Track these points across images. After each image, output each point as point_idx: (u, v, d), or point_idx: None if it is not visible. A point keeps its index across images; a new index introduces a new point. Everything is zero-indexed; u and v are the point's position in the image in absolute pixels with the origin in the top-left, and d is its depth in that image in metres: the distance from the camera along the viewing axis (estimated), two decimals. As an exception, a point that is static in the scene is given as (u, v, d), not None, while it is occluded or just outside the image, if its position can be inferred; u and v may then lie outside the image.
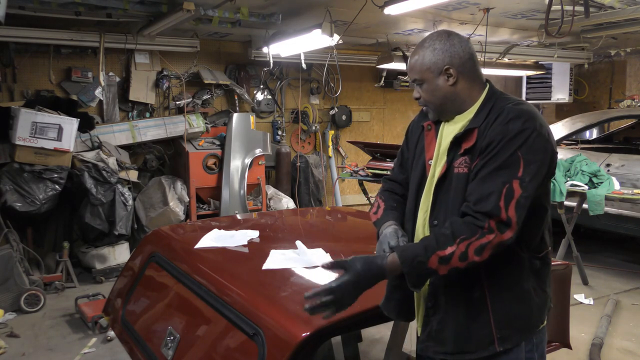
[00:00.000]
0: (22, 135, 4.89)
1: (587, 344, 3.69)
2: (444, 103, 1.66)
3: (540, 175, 1.51)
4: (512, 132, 1.49)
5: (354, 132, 7.93)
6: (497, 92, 1.67)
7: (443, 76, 1.63)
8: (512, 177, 1.47)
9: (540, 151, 1.51)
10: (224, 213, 5.97)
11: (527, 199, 1.48)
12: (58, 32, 5.45)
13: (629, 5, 4.82)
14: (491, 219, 1.45)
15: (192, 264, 2.38)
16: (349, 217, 3.62)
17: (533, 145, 1.49)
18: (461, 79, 1.63)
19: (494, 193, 1.47)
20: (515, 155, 1.48)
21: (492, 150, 1.51)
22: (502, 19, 5.59)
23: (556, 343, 2.46)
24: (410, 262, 1.49)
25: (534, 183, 1.49)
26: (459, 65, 1.63)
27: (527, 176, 1.48)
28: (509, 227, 1.46)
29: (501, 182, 1.47)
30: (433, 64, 1.63)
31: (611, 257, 5.96)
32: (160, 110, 6.51)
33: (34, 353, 3.78)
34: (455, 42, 1.64)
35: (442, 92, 1.64)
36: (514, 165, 1.48)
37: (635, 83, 8.37)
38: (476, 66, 1.67)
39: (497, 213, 1.45)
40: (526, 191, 1.47)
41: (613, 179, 4.79)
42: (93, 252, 5.33)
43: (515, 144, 1.49)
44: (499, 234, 1.45)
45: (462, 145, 1.59)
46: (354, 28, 5.48)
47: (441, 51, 1.63)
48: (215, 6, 4.74)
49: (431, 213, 1.66)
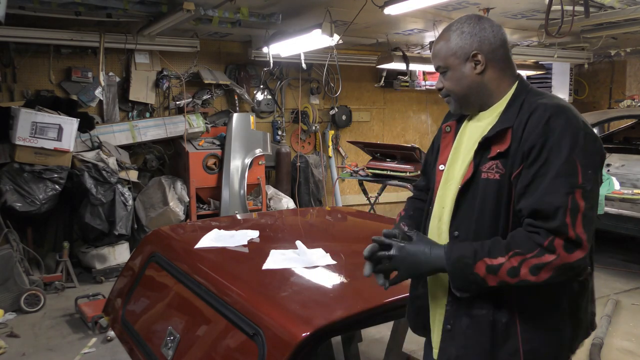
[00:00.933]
0: (22, 135, 4.89)
1: (587, 344, 3.68)
2: (468, 94, 1.49)
3: (598, 182, 1.33)
4: (557, 132, 1.31)
5: (354, 132, 7.93)
6: (528, 86, 1.49)
7: (470, 63, 1.46)
8: (573, 186, 1.28)
9: (594, 153, 1.33)
10: (224, 213, 5.97)
11: (592, 210, 1.30)
12: (58, 32, 5.45)
13: (629, 5, 4.81)
14: (557, 237, 1.27)
15: (192, 264, 2.38)
16: (349, 217, 3.62)
17: (586, 147, 1.31)
18: (490, 68, 1.46)
19: (560, 208, 1.27)
20: (571, 160, 1.29)
21: (538, 155, 1.32)
22: (502, 19, 5.59)
23: (556, 343, 2.45)
24: (456, 262, 1.36)
25: (595, 191, 1.31)
26: (489, 51, 1.46)
27: (587, 184, 1.29)
28: (579, 247, 1.27)
29: (564, 193, 1.28)
30: (460, 48, 1.46)
31: (611, 257, 5.96)
32: (160, 110, 6.51)
33: (34, 353, 3.78)
34: (486, 27, 1.47)
35: (468, 81, 1.47)
36: (571, 172, 1.28)
37: (635, 83, 8.37)
38: (508, 55, 1.50)
39: (565, 231, 1.26)
40: (589, 201, 1.29)
41: (613, 179, 4.79)
42: (93, 252, 5.33)
43: (566, 146, 1.30)
44: (565, 254, 1.26)
45: (492, 147, 1.41)
46: (354, 28, 5.48)
47: (469, 35, 1.46)
48: (215, 6, 4.74)
49: (452, 223, 1.49)
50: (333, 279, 2.13)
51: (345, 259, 2.31)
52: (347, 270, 2.21)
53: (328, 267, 2.20)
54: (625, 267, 5.63)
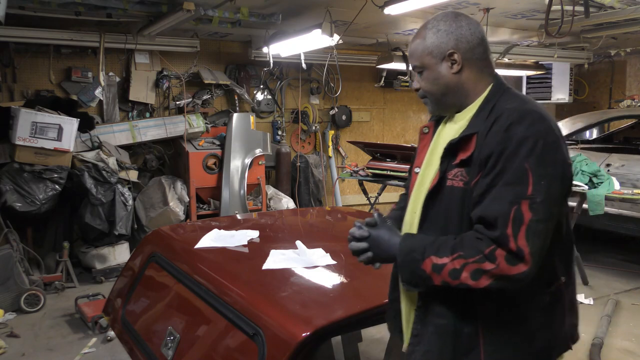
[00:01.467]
0: (22, 135, 4.90)
1: (587, 344, 3.69)
2: (445, 94, 1.44)
3: (554, 194, 1.26)
4: (515, 139, 1.25)
5: (354, 132, 7.93)
6: (503, 88, 1.44)
7: (447, 62, 1.41)
8: (520, 196, 1.23)
9: (552, 163, 1.26)
10: (224, 213, 5.97)
11: (541, 223, 1.23)
12: (58, 32, 5.45)
13: (629, 5, 4.81)
14: (500, 248, 1.23)
15: (192, 264, 2.38)
16: (349, 217, 3.61)
17: (543, 156, 1.25)
18: (467, 67, 1.41)
19: (500, 217, 1.23)
20: (523, 169, 1.24)
21: (495, 164, 1.27)
22: (502, 19, 5.59)
23: (556, 343, 2.45)
24: (406, 254, 1.35)
25: (548, 204, 1.24)
26: (466, 50, 1.40)
27: (538, 195, 1.22)
28: (520, 260, 1.21)
29: (508, 202, 1.23)
30: (436, 47, 1.41)
31: (611, 257, 5.96)
32: (160, 110, 6.51)
33: (34, 353, 3.78)
34: (463, 24, 1.41)
35: (445, 80, 1.42)
36: (521, 181, 1.23)
37: (635, 83, 8.37)
38: (486, 54, 1.45)
39: (505, 242, 1.22)
40: (538, 214, 1.22)
41: (613, 179, 4.79)
42: (93, 252, 5.33)
43: (521, 154, 1.24)
44: (505, 265, 1.22)
45: (458, 154, 1.37)
46: (354, 28, 5.48)
47: (446, 33, 1.40)
48: (215, 6, 4.74)
49: (419, 230, 1.45)
50: (333, 279, 2.13)
51: (345, 259, 2.31)
52: (347, 270, 2.21)
53: (328, 267, 2.20)
54: (625, 267, 5.63)
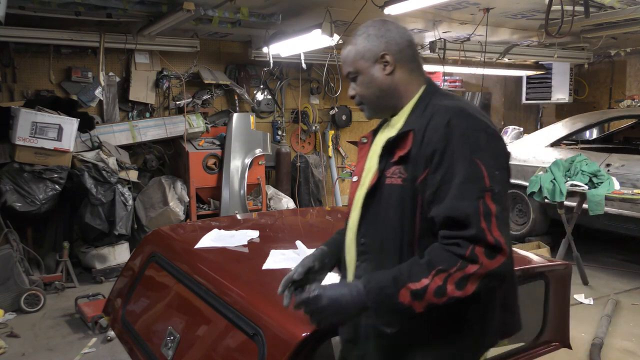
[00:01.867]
0: (22, 135, 4.89)
1: (587, 344, 3.69)
2: (380, 96, 1.46)
3: (507, 182, 1.32)
4: (458, 134, 1.27)
5: (354, 132, 7.93)
6: (435, 88, 1.48)
7: (379, 65, 1.44)
8: (482, 190, 1.24)
9: (499, 153, 1.32)
10: (224, 213, 5.97)
11: (505, 212, 1.26)
12: (58, 32, 5.45)
13: (629, 5, 4.82)
14: (477, 245, 1.22)
15: (192, 264, 2.38)
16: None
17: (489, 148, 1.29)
18: (399, 68, 1.44)
19: (472, 214, 1.23)
20: (474, 163, 1.26)
21: (441, 159, 1.28)
22: (502, 19, 5.59)
23: (556, 343, 2.46)
24: (377, 294, 1.28)
25: (504, 192, 1.28)
26: (397, 52, 1.44)
27: (495, 185, 1.25)
28: (499, 252, 1.22)
29: (475, 198, 1.24)
30: (367, 50, 1.44)
31: (611, 257, 5.96)
32: (160, 110, 6.51)
33: (34, 353, 3.78)
34: (391, 28, 1.46)
35: (378, 82, 1.44)
36: (478, 175, 1.25)
37: (635, 83, 8.37)
38: (416, 56, 1.49)
39: (483, 237, 1.22)
40: (500, 204, 1.25)
41: (613, 179, 4.79)
42: (93, 252, 5.33)
43: (469, 149, 1.26)
44: (488, 261, 1.21)
45: (395, 151, 1.37)
46: (354, 28, 5.47)
47: (376, 37, 1.45)
48: (215, 6, 4.74)
49: (359, 230, 1.44)
50: (333, 279, 2.12)
51: (345, 259, 2.31)
52: (347, 270, 2.21)
53: (328, 267, 2.19)
54: (625, 267, 5.63)
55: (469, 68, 6.76)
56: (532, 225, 6.12)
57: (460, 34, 6.26)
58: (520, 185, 5.99)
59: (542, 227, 6.14)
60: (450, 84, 8.21)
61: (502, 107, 9.35)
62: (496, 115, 9.30)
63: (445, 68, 6.43)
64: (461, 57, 6.36)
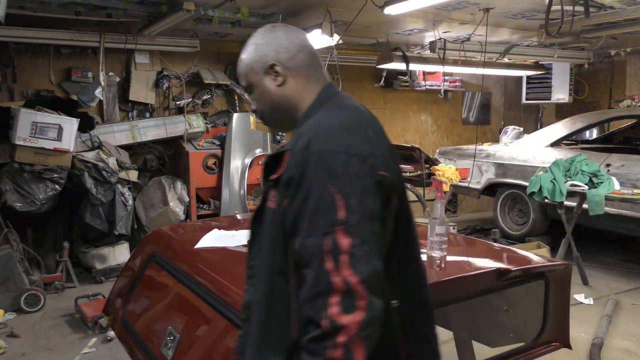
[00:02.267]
0: (22, 135, 4.89)
1: (587, 344, 3.69)
2: (275, 109, 1.35)
3: (371, 209, 1.10)
4: (313, 158, 1.11)
5: (354, 132, 7.92)
6: (328, 96, 1.31)
7: (269, 76, 1.32)
8: (331, 223, 1.06)
9: (360, 177, 1.11)
10: (224, 213, 5.97)
11: (365, 245, 1.06)
12: (58, 32, 5.45)
13: (629, 5, 4.82)
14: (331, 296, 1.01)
15: (192, 264, 2.38)
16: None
17: (347, 172, 1.10)
18: (291, 78, 1.32)
19: (315, 254, 1.05)
20: (328, 192, 1.08)
21: (298, 187, 1.12)
22: (502, 19, 5.59)
23: (556, 343, 2.46)
24: None
25: (368, 222, 1.09)
26: (287, 60, 1.31)
27: (352, 216, 1.06)
28: (355, 298, 1.01)
29: (322, 233, 1.06)
30: (256, 62, 1.33)
31: (611, 257, 5.96)
32: (160, 110, 6.50)
33: (34, 353, 3.78)
34: (279, 34, 1.34)
35: (270, 95, 1.33)
36: (330, 206, 1.07)
37: (635, 83, 8.37)
38: (312, 60, 1.35)
39: (327, 280, 1.02)
40: (358, 236, 1.05)
41: (613, 179, 4.79)
42: (93, 252, 5.33)
43: (323, 176, 1.09)
44: (348, 319, 1.00)
45: (270, 174, 1.26)
46: (354, 28, 5.48)
47: (264, 46, 1.33)
48: (215, 6, 4.75)
49: (249, 252, 1.36)
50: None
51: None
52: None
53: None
54: (625, 267, 5.63)
55: (469, 68, 6.76)
56: (532, 225, 6.12)
57: (460, 34, 6.26)
58: (520, 185, 6.00)
59: (542, 227, 6.14)
60: (450, 84, 8.21)
61: (502, 107, 9.35)
62: (496, 115, 9.30)
63: (445, 68, 6.43)
64: (461, 57, 6.36)
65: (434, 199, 5.35)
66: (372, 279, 1.04)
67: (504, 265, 2.18)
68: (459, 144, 8.13)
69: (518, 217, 6.37)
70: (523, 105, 8.88)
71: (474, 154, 6.45)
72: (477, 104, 9.00)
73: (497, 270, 2.08)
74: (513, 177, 6.18)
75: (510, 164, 6.23)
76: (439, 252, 2.18)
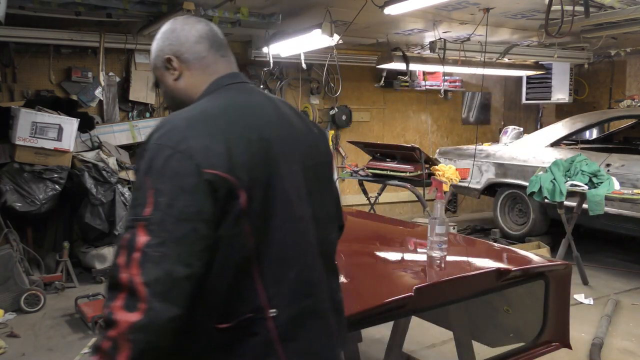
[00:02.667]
0: (22, 135, 4.89)
1: (587, 344, 3.69)
2: (176, 105, 1.29)
3: (182, 210, 1.03)
4: (144, 151, 1.10)
5: (354, 132, 7.93)
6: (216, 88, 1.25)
7: (168, 71, 1.29)
8: (137, 218, 1.03)
9: (175, 175, 1.04)
10: (224, 213, 5.97)
11: (165, 246, 1.00)
12: (58, 32, 5.45)
13: (629, 5, 4.81)
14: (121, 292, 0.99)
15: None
16: (349, 217, 3.61)
17: (165, 168, 1.05)
18: (187, 71, 1.28)
19: (118, 248, 1.04)
20: (142, 186, 1.06)
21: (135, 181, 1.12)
22: (502, 19, 5.59)
23: (556, 343, 2.46)
24: None
25: (173, 223, 1.02)
26: (182, 52, 1.27)
27: (156, 214, 1.02)
28: (137, 299, 0.97)
29: (127, 227, 1.05)
30: (156, 57, 1.30)
31: (611, 257, 5.96)
32: (160, 110, 6.50)
33: (34, 353, 3.78)
34: (177, 27, 1.29)
35: (170, 90, 1.31)
36: (140, 200, 1.04)
37: (635, 83, 8.37)
38: (210, 52, 1.28)
39: (115, 275, 1.00)
40: (158, 236, 1.01)
41: (613, 179, 4.79)
42: (93, 252, 5.33)
43: (142, 169, 1.07)
44: (124, 316, 0.97)
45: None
46: (354, 28, 5.47)
47: (161, 40, 1.29)
48: (215, 6, 4.74)
49: None
50: (333, 279, 2.12)
51: (345, 259, 2.31)
52: (347, 270, 2.21)
53: (328, 267, 2.19)
54: (625, 267, 5.63)
55: (469, 68, 6.76)
56: (532, 225, 6.12)
57: (460, 34, 6.26)
58: (520, 185, 6.00)
59: (542, 227, 6.14)
60: (450, 84, 8.22)
61: (502, 107, 9.35)
62: (496, 115, 9.30)
63: (445, 68, 6.43)
64: (461, 57, 6.36)
65: (434, 199, 5.35)
66: (161, 283, 0.99)
67: (504, 265, 2.18)
68: (459, 144, 8.13)
69: (518, 217, 6.37)
70: (523, 105, 8.88)
71: (474, 154, 6.45)
72: (477, 104, 9.00)
73: (497, 270, 2.08)
74: (513, 177, 6.18)
75: (510, 164, 6.23)
76: (439, 252, 2.18)
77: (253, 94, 1.29)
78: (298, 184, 1.23)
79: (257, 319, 1.11)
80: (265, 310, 1.12)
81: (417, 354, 3.36)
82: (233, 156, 1.09)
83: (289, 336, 1.14)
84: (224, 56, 1.32)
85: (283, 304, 1.14)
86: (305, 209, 1.23)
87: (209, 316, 1.10)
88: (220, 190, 1.06)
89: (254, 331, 1.11)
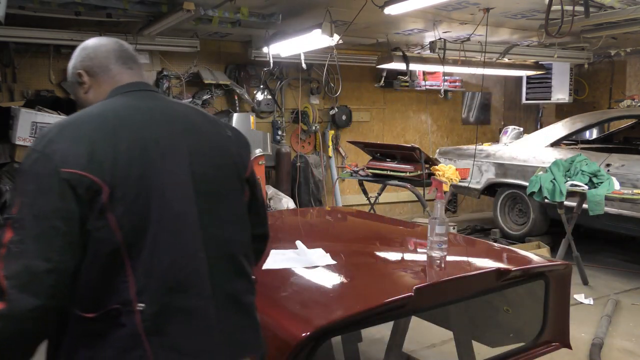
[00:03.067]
0: (22, 135, 4.89)
1: (587, 344, 3.69)
2: None
3: (41, 209, 1.11)
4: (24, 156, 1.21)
5: (354, 132, 7.93)
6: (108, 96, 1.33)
7: (80, 85, 1.38)
8: (7, 216, 1.13)
9: (36, 177, 1.13)
10: (224, 213, 5.97)
11: (25, 243, 1.09)
12: (58, 32, 5.45)
13: (629, 5, 4.81)
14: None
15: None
16: (349, 217, 3.62)
17: (29, 170, 1.14)
18: (95, 84, 1.37)
19: None
20: (15, 187, 1.17)
21: None
22: (502, 19, 5.59)
23: (556, 343, 2.46)
24: None
25: (32, 221, 1.10)
26: (91, 67, 1.36)
27: (19, 213, 1.11)
28: (1, 291, 1.07)
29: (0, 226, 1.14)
30: (70, 74, 1.41)
31: (611, 257, 5.96)
32: (160, 110, 6.50)
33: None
34: (88, 44, 1.40)
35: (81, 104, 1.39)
36: (11, 199, 1.15)
37: (635, 83, 8.37)
38: (113, 64, 1.36)
39: None
40: (19, 234, 1.09)
41: (613, 179, 4.79)
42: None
43: (19, 171, 1.18)
44: None
45: None
46: (354, 28, 5.47)
47: (74, 58, 1.40)
48: (215, 6, 4.74)
49: None
50: (333, 279, 2.13)
51: (345, 259, 2.31)
52: (347, 270, 2.21)
53: (328, 267, 2.19)
54: (625, 267, 5.63)
55: (469, 68, 6.76)
56: (532, 225, 6.13)
57: (460, 34, 6.26)
58: (520, 185, 6.00)
59: (542, 227, 6.14)
60: (450, 84, 8.22)
61: (502, 107, 9.36)
62: (496, 115, 9.31)
63: (445, 68, 6.43)
64: (461, 57, 6.36)
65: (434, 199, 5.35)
66: (20, 276, 1.07)
67: (504, 265, 2.18)
68: (459, 144, 8.13)
69: (518, 217, 6.37)
70: (523, 105, 8.88)
71: (474, 154, 6.45)
72: (477, 104, 9.01)
73: (497, 270, 2.08)
74: (513, 177, 6.18)
75: (510, 164, 6.23)
76: (439, 252, 2.18)
77: (147, 99, 1.34)
78: (182, 181, 1.26)
79: (124, 311, 1.15)
80: (133, 303, 1.15)
81: (417, 354, 3.36)
82: (95, 156, 1.15)
83: (155, 330, 1.17)
84: (131, 68, 1.38)
85: (151, 298, 1.17)
86: (189, 206, 1.26)
87: (80, 305, 1.16)
88: (79, 188, 1.12)
89: (121, 323, 1.15)
